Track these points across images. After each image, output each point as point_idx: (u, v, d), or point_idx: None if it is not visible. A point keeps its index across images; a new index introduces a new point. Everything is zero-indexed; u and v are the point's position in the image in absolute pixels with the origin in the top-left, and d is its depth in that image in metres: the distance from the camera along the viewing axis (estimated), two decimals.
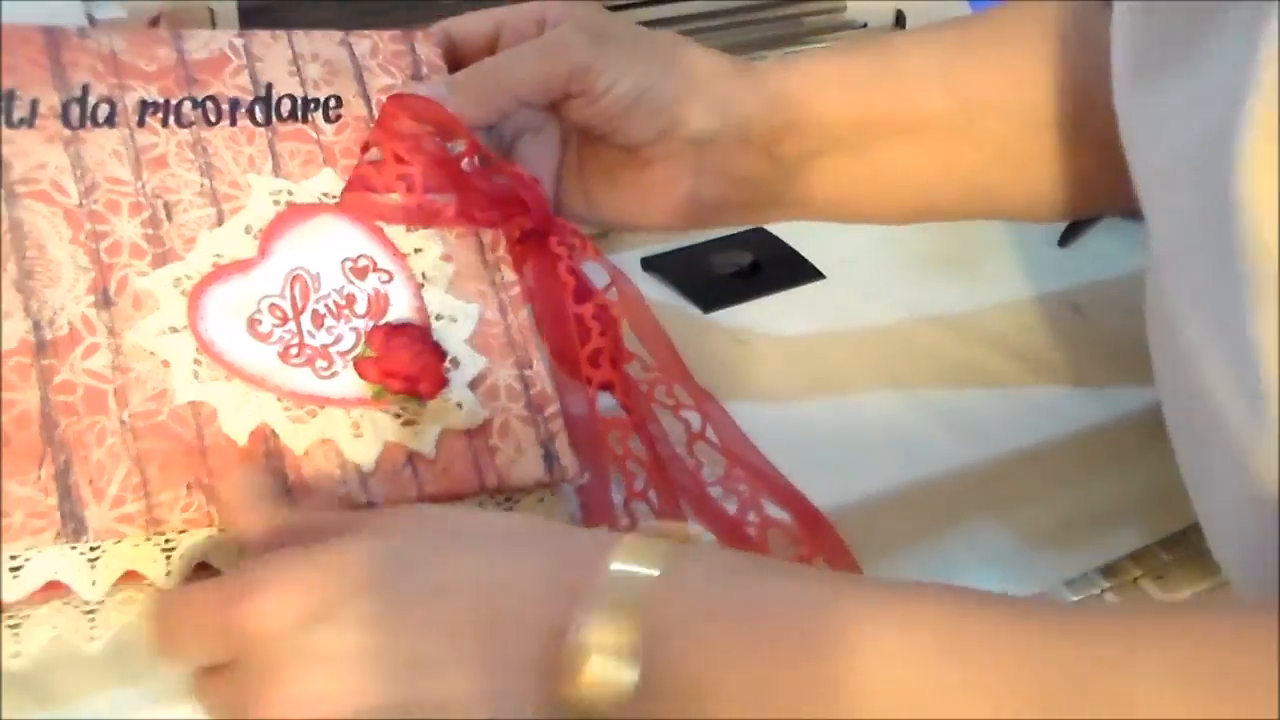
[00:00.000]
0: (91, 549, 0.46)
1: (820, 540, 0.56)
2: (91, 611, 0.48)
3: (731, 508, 0.56)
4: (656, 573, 0.41)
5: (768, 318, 0.68)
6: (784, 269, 0.72)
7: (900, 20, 0.89)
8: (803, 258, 0.72)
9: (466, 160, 0.55)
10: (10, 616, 0.47)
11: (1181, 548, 0.69)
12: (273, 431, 0.49)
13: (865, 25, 0.89)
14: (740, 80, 0.59)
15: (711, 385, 0.58)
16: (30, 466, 0.46)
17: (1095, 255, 0.76)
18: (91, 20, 0.61)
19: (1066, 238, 0.77)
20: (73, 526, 0.45)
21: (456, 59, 0.60)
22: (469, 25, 0.60)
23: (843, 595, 0.40)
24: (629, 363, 0.58)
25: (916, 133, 0.60)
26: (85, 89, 0.53)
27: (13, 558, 0.45)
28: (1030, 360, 0.65)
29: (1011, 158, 0.61)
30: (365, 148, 0.55)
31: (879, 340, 0.67)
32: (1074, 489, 0.64)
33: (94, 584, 0.46)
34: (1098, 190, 0.58)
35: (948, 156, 0.61)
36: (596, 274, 0.57)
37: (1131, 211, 0.53)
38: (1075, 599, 0.65)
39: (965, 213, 0.63)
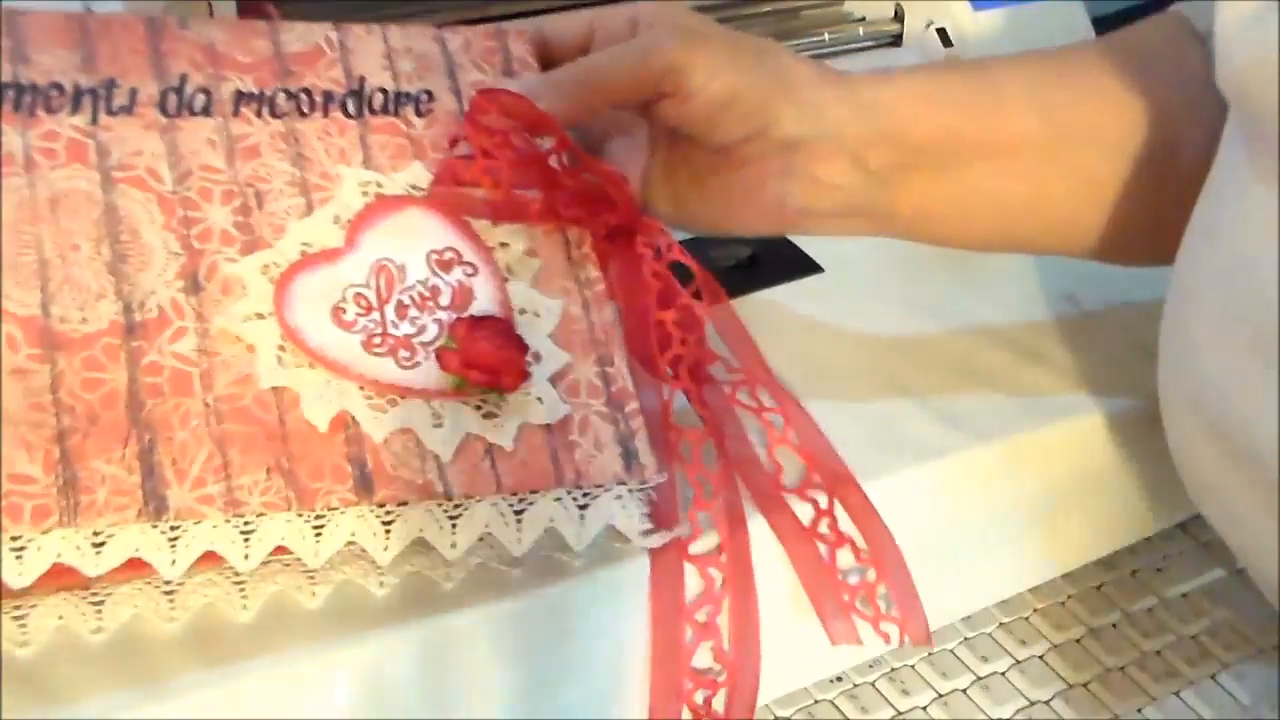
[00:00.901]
0: (172, 528, 0.47)
1: (886, 564, 0.56)
2: (171, 591, 0.49)
3: (806, 516, 0.56)
4: None
5: (765, 311, 0.67)
6: (782, 263, 0.71)
7: (899, 15, 0.89)
8: (801, 251, 0.71)
9: (555, 157, 0.55)
10: (93, 593, 0.48)
11: (1180, 540, 0.68)
12: (353, 419, 0.49)
13: (864, 19, 0.88)
14: (832, 88, 0.59)
15: None
16: (115, 445, 0.47)
17: None
18: None
19: None
20: (154, 505, 0.46)
21: (547, 58, 0.60)
22: (561, 25, 0.60)
23: None
24: (713, 364, 0.58)
25: (1005, 156, 0.60)
26: (183, 79, 0.54)
27: (96, 534, 0.46)
28: (1026, 353, 0.65)
29: (1097, 190, 0.61)
30: (454, 141, 0.55)
31: (876, 333, 0.67)
32: (1071, 482, 0.64)
33: (174, 563, 0.47)
34: (1173, 234, 0.57)
35: (1035, 184, 0.61)
36: None
37: None
38: (1073, 592, 0.65)
39: (1046, 245, 0.63)
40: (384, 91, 0.56)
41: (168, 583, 0.48)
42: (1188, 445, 0.54)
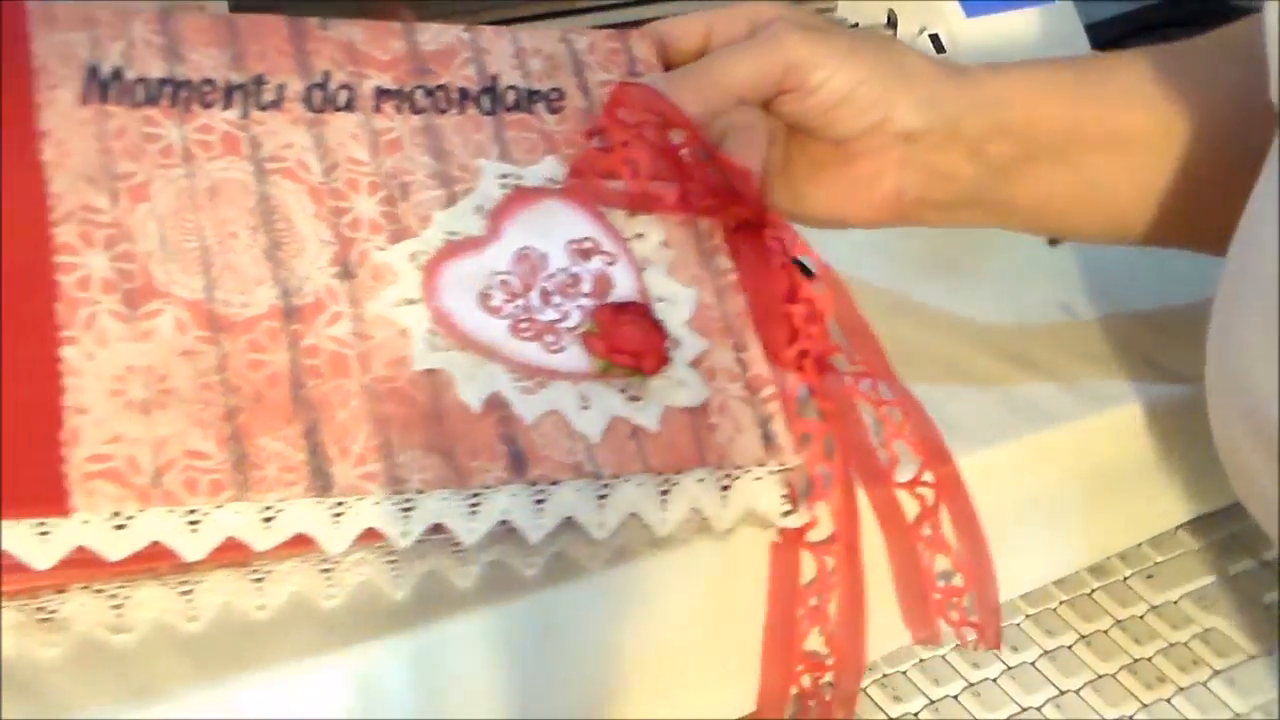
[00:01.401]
0: (337, 504, 0.48)
1: (977, 573, 0.57)
2: (328, 570, 0.50)
3: (912, 512, 0.57)
4: None
5: None
6: None
7: (892, 21, 0.89)
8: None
9: (686, 150, 0.57)
10: (254, 570, 0.49)
11: (1170, 546, 0.69)
12: (505, 400, 0.50)
13: (856, 25, 0.89)
14: (950, 81, 0.60)
15: None
16: (281, 423, 0.48)
17: (1089, 256, 0.76)
18: None
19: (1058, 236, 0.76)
20: (320, 482, 0.47)
21: (665, 60, 0.61)
22: (679, 27, 0.62)
23: None
24: (834, 355, 0.59)
25: (1121, 149, 0.61)
26: (326, 75, 0.55)
27: (266, 508, 0.47)
28: (1020, 359, 0.65)
29: (1206, 185, 0.62)
30: (590, 134, 0.57)
31: None
32: (1062, 488, 0.64)
33: (337, 540, 0.48)
34: None
35: (1148, 176, 0.62)
36: None
37: None
38: (1065, 598, 0.65)
39: (1157, 237, 0.64)
40: (516, 89, 0.58)
41: (324, 561, 0.50)
42: (1234, 448, 0.55)
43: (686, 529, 0.53)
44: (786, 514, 0.53)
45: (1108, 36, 0.96)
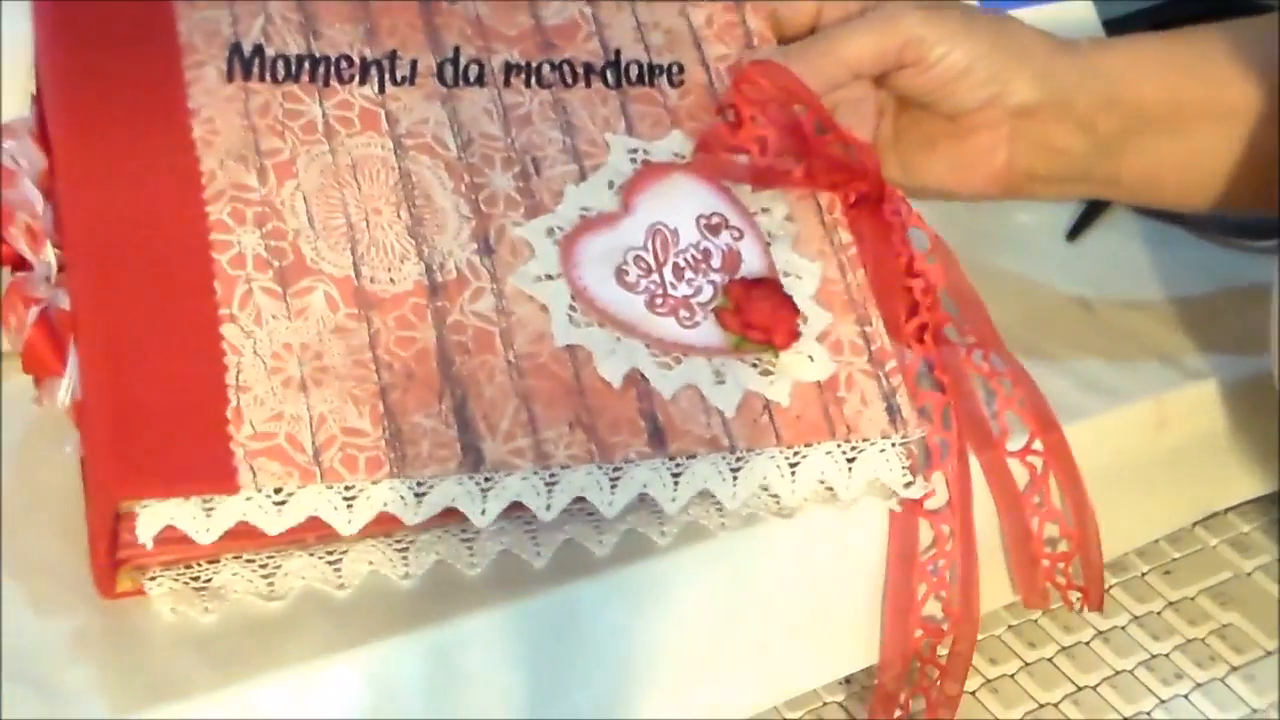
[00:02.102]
0: (486, 479, 0.49)
1: (1084, 538, 0.58)
2: (470, 540, 0.51)
3: (1023, 481, 0.58)
4: None
5: None
6: None
7: None
8: None
9: (808, 124, 0.57)
10: (399, 540, 0.51)
11: (1188, 542, 0.70)
12: (643, 375, 0.52)
13: None
14: (1063, 55, 0.61)
15: None
16: (431, 400, 0.49)
17: (1104, 251, 0.76)
18: None
19: (1075, 231, 0.77)
20: (472, 458, 0.48)
21: (778, 33, 0.62)
22: (790, 3, 0.62)
23: None
24: (945, 326, 0.60)
25: (1227, 120, 0.62)
26: (457, 50, 0.56)
27: (419, 484, 0.48)
28: (1038, 355, 0.65)
29: None
30: (719, 109, 0.57)
31: None
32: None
33: (484, 512, 0.49)
34: None
35: (1255, 144, 0.62)
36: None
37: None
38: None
39: (1265, 203, 0.65)
40: (639, 64, 0.58)
41: (465, 531, 0.51)
42: None
43: (811, 499, 0.54)
44: (908, 485, 0.55)
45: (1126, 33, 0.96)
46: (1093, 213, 0.78)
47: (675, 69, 0.59)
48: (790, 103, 0.57)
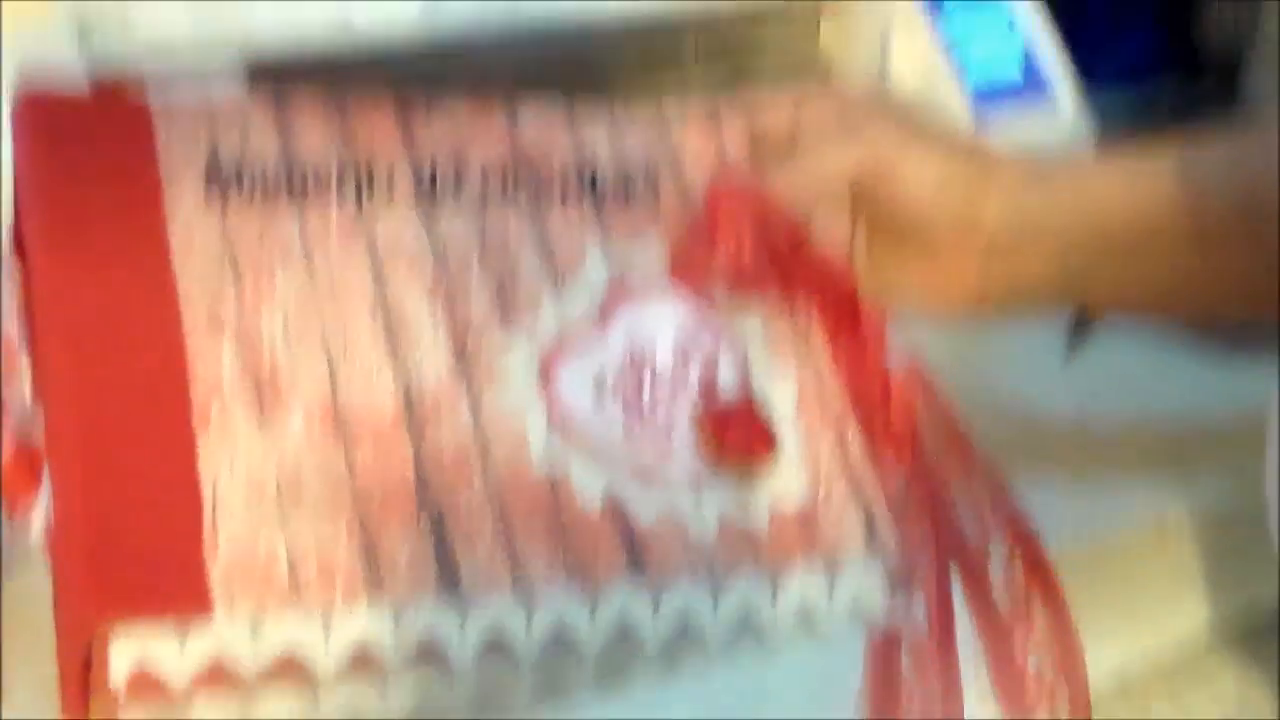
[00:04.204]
0: (464, 605, 0.48)
1: (1069, 670, 0.58)
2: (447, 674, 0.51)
3: (1004, 605, 0.58)
4: None
5: None
6: None
7: None
8: None
9: (783, 239, 0.58)
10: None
11: (1193, 658, 0.69)
12: (621, 499, 0.51)
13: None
14: (1036, 184, 0.61)
15: None
16: (409, 523, 0.48)
17: (1101, 366, 0.76)
18: None
19: (1071, 346, 0.76)
20: (450, 581, 0.48)
21: (755, 138, 0.62)
22: (770, 108, 0.63)
23: None
24: (921, 437, 0.60)
25: (1203, 240, 0.61)
26: (433, 161, 0.56)
27: (396, 610, 0.48)
28: (1036, 472, 0.64)
29: None
30: (695, 224, 0.57)
31: None
32: (1080, 600, 0.62)
33: (462, 641, 0.49)
34: None
35: (1230, 262, 0.62)
36: None
37: None
38: None
39: (1241, 313, 0.65)
40: (614, 176, 0.58)
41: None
42: None
43: (793, 622, 0.54)
44: (889, 604, 0.54)
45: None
46: (1088, 328, 0.77)
47: (651, 181, 0.59)
48: (763, 216, 0.57)
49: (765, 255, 0.57)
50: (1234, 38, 1.10)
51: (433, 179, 0.55)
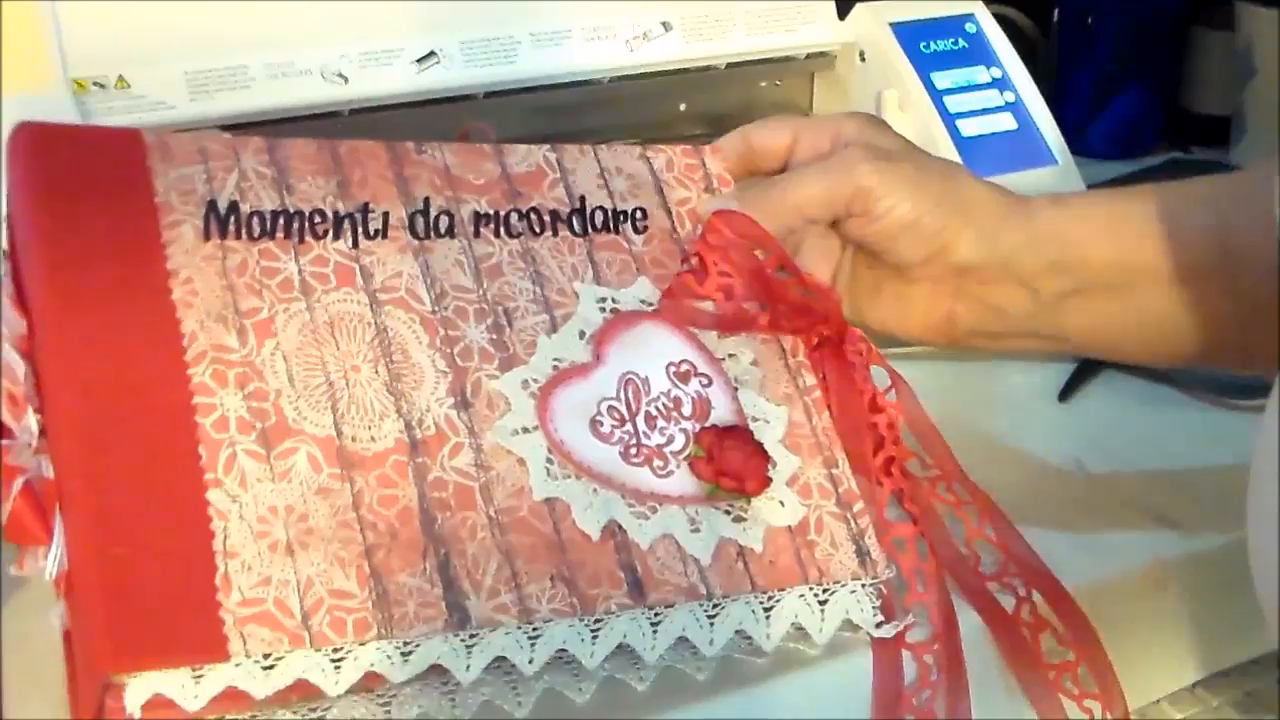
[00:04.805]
0: (471, 636, 0.50)
1: (1084, 646, 0.59)
2: (451, 693, 0.52)
3: (1009, 605, 0.60)
4: None
5: None
6: None
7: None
8: None
9: (772, 270, 0.59)
10: (381, 695, 0.51)
11: (1188, 703, 0.70)
12: (620, 527, 0.52)
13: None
14: (1011, 216, 0.62)
15: None
16: (416, 559, 0.50)
17: (1097, 412, 0.77)
18: None
19: (1067, 392, 0.78)
20: (458, 616, 0.49)
21: (751, 164, 0.64)
22: (767, 135, 0.64)
23: None
24: (909, 460, 0.61)
25: (1179, 283, 0.62)
26: (426, 202, 0.57)
27: (405, 643, 0.49)
28: (1033, 517, 0.64)
29: (1264, 312, 0.61)
30: (685, 258, 0.59)
31: None
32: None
33: (468, 668, 0.50)
34: None
35: (1206, 306, 0.63)
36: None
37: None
38: None
39: (1214, 360, 0.66)
40: (603, 210, 0.60)
41: (446, 684, 0.51)
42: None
43: (786, 641, 0.55)
44: (880, 624, 0.56)
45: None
46: (1084, 373, 0.79)
47: (639, 214, 0.60)
48: (752, 249, 0.58)
49: (754, 286, 0.58)
50: (1222, 107, 1.13)
51: (426, 217, 0.56)
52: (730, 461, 0.54)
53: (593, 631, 0.51)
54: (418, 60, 0.61)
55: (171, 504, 0.48)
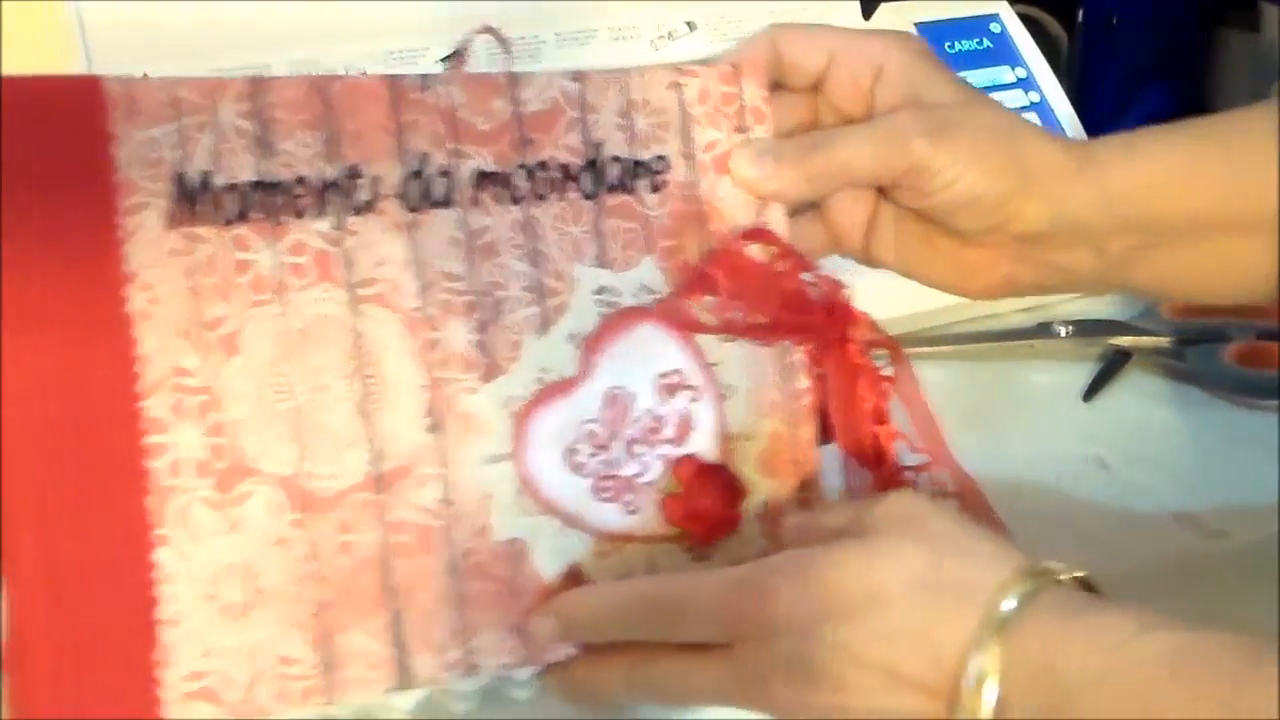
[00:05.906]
0: (413, 690, 0.49)
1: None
2: None
3: None
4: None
5: None
6: None
7: None
8: None
9: (779, 262, 0.55)
10: None
11: None
12: (581, 570, 0.51)
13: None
14: (1079, 178, 0.57)
15: None
16: (368, 615, 0.48)
17: (1120, 410, 0.76)
18: None
19: (1091, 391, 0.77)
20: (403, 677, 0.49)
21: (779, 77, 0.57)
22: (800, 50, 0.57)
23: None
24: (897, 440, 0.59)
25: (1251, 229, 0.59)
26: (424, 160, 0.50)
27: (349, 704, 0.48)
28: (1055, 515, 0.64)
29: None
30: (694, 273, 0.54)
31: None
32: None
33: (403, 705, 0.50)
34: None
35: (1272, 249, 0.59)
36: None
37: None
38: None
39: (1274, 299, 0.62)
40: (620, 160, 0.54)
41: None
42: None
43: None
44: None
45: None
46: (1108, 373, 0.77)
47: (657, 163, 0.54)
48: (769, 276, 0.54)
49: (762, 291, 0.54)
50: (1246, 96, 1.03)
51: (421, 178, 0.50)
52: (703, 508, 0.53)
53: (536, 672, 0.51)
54: (443, 59, 0.53)
55: (115, 567, 0.45)
